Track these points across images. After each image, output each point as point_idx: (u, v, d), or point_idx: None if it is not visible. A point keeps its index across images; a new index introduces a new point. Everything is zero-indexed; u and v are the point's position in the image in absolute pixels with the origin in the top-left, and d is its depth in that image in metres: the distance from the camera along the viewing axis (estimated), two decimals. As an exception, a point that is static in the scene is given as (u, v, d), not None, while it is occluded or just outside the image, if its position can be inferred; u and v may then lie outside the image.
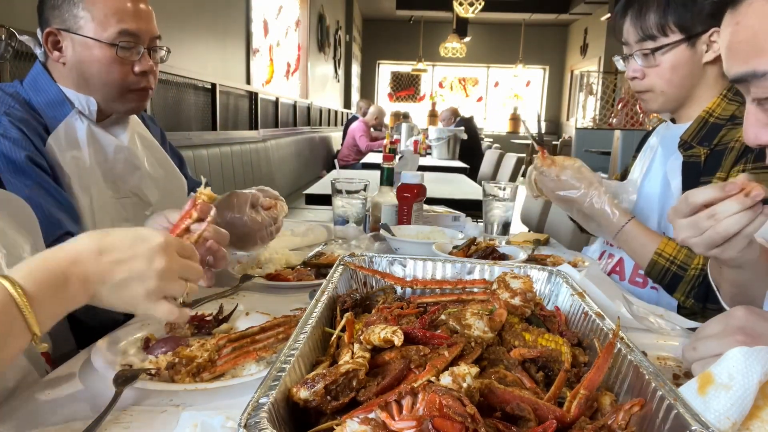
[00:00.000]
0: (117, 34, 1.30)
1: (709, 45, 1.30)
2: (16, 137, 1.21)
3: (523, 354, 0.74)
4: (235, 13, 4.56)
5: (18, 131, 1.21)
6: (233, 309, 1.07)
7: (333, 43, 9.64)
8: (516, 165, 5.56)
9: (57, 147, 1.29)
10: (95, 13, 1.29)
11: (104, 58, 1.31)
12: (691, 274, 1.19)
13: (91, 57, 1.31)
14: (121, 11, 1.31)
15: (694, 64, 1.32)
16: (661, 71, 1.34)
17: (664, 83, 1.35)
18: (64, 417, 0.73)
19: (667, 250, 1.22)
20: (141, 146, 1.53)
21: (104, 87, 1.34)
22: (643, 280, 1.40)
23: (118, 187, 1.42)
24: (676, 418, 0.57)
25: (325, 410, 0.61)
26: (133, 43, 1.32)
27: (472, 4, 8.75)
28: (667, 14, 1.30)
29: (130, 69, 1.34)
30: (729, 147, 1.25)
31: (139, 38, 1.33)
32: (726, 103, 1.32)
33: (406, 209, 1.81)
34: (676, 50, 1.31)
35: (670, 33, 1.31)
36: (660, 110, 1.43)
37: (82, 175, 1.33)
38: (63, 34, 1.31)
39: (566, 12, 12.07)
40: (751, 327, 0.76)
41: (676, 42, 1.31)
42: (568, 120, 13.80)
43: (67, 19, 1.29)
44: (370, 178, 1.91)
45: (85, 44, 1.30)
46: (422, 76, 15.04)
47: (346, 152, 7.42)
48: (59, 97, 1.33)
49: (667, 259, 1.22)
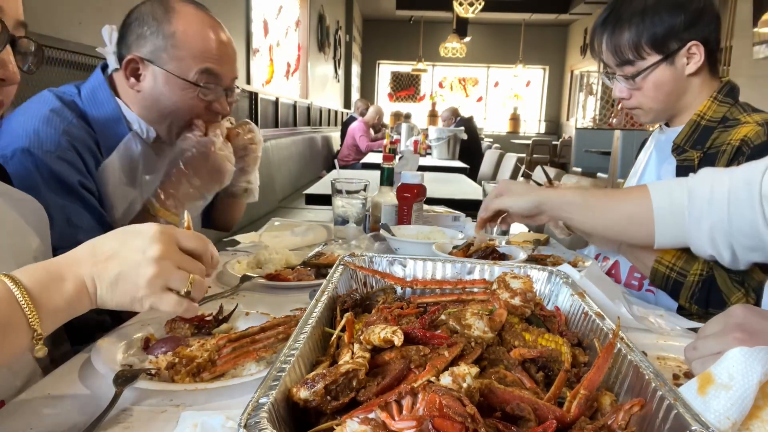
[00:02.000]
0: (200, 74, 1.30)
1: (689, 58, 1.30)
2: (71, 159, 1.20)
3: (523, 354, 0.74)
4: (235, 13, 4.56)
5: (74, 153, 1.20)
6: (233, 309, 1.07)
7: (333, 43, 9.65)
8: (516, 165, 5.56)
9: (109, 173, 1.29)
10: (182, 52, 1.28)
11: (184, 96, 1.31)
12: (691, 279, 1.19)
13: (170, 93, 1.30)
14: (208, 52, 1.31)
15: (677, 79, 1.32)
16: (646, 92, 1.35)
17: (650, 101, 1.36)
18: (65, 417, 0.73)
19: (666, 257, 1.22)
20: None
21: (174, 122, 1.34)
22: (639, 282, 1.40)
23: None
24: (676, 418, 0.57)
25: (325, 410, 0.61)
26: (213, 84, 1.32)
27: (472, 4, 8.75)
28: (640, 38, 1.30)
29: (205, 107, 1.35)
30: (721, 150, 1.25)
31: (220, 79, 1.34)
32: (717, 105, 1.32)
33: (406, 209, 1.81)
34: (657, 71, 1.31)
35: (647, 56, 1.31)
36: (653, 122, 1.44)
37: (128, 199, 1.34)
38: (146, 64, 1.30)
39: (566, 12, 12.07)
40: (749, 324, 0.76)
41: (654, 64, 1.31)
42: (568, 120, 13.80)
43: (152, 51, 1.28)
44: (370, 178, 1.91)
45: (166, 79, 1.29)
46: (422, 76, 15.04)
47: (345, 152, 7.42)
48: (116, 114, 1.32)
49: (667, 266, 1.22)
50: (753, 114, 1.27)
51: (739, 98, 1.35)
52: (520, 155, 5.81)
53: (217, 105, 1.36)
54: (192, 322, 1.01)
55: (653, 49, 1.30)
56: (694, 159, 1.30)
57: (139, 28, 1.30)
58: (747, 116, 1.27)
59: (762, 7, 5.20)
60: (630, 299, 1.21)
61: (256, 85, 5.18)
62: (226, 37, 1.37)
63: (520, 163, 5.62)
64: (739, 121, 1.27)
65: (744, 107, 1.32)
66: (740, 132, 1.23)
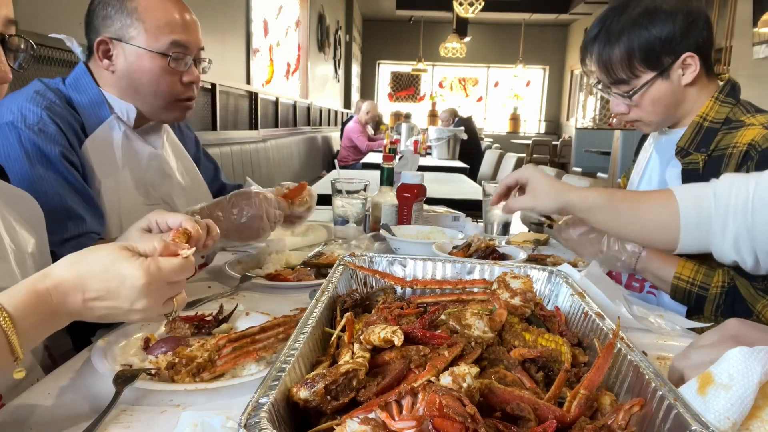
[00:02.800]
0: (169, 45, 1.34)
1: (684, 69, 1.28)
2: (52, 132, 1.24)
3: (523, 354, 0.74)
4: (235, 13, 4.56)
5: (55, 127, 1.25)
6: (233, 309, 1.07)
7: (333, 43, 9.64)
8: (516, 165, 5.56)
9: (92, 150, 1.32)
10: (147, 25, 1.32)
11: (155, 68, 1.34)
12: (714, 292, 1.18)
13: (142, 67, 1.34)
14: (173, 23, 1.34)
15: (674, 92, 1.30)
16: (644, 107, 1.33)
17: (649, 116, 1.34)
18: (65, 417, 0.73)
19: (684, 272, 1.21)
20: (172, 154, 1.57)
21: (153, 96, 1.38)
22: (640, 284, 1.39)
23: (149, 194, 1.46)
24: (676, 418, 0.57)
25: (325, 410, 0.61)
26: (182, 53, 1.36)
27: (472, 4, 8.73)
28: (632, 56, 1.27)
29: (178, 79, 1.38)
30: (727, 153, 1.23)
31: (188, 49, 1.37)
32: (719, 106, 1.29)
33: (406, 209, 1.81)
34: (653, 87, 1.29)
35: (641, 73, 1.29)
36: (655, 131, 1.43)
37: (113, 179, 1.37)
38: (115, 44, 1.34)
39: (566, 12, 12.06)
40: (743, 335, 0.77)
41: (649, 81, 1.28)
42: (568, 120, 13.80)
43: (119, 29, 1.33)
44: (370, 178, 1.91)
45: (136, 54, 1.33)
46: (422, 76, 15.04)
47: (344, 153, 7.40)
48: (99, 98, 1.37)
49: (687, 282, 1.20)
50: (757, 115, 1.25)
51: (740, 97, 1.34)
52: (520, 155, 5.80)
53: (187, 75, 1.40)
54: (192, 322, 1.01)
55: (646, 66, 1.27)
56: (699, 162, 1.28)
57: (103, 10, 1.34)
58: (751, 117, 1.25)
59: (762, 7, 5.20)
60: (630, 299, 1.21)
61: (256, 85, 5.17)
62: (187, 8, 1.42)
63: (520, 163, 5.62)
64: (744, 123, 1.25)
65: (747, 107, 1.30)
66: (746, 135, 1.21)
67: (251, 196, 1.36)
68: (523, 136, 14.29)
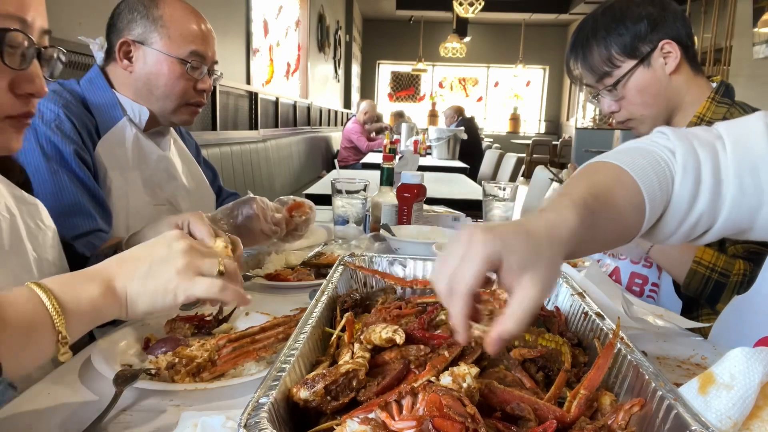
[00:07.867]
0: (188, 53, 1.42)
1: (665, 57, 1.31)
2: (68, 130, 1.29)
3: (523, 354, 0.74)
4: (235, 13, 4.56)
5: (71, 125, 1.30)
6: (233, 309, 1.07)
7: (333, 43, 9.64)
8: (516, 165, 5.55)
9: (105, 150, 1.38)
10: (171, 33, 1.41)
11: (173, 72, 1.42)
12: (734, 280, 1.16)
13: (161, 70, 1.42)
14: (194, 34, 1.44)
15: (659, 79, 1.33)
16: (631, 99, 1.35)
17: (639, 108, 1.36)
18: (65, 417, 0.73)
19: (705, 257, 1.19)
20: (179, 158, 1.62)
21: (165, 98, 1.45)
22: (640, 288, 1.39)
23: (156, 194, 1.49)
24: (676, 418, 0.57)
25: (325, 410, 0.61)
26: (199, 63, 1.44)
27: (472, 4, 8.74)
28: (609, 49, 1.33)
29: (192, 86, 1.46)
30: None
31: (205, 59, 1.46)
32: (716, 106, 1.31)
33: (406, 209, 1.80)
34: (635, 76, 1.33)
35: (621, 63, 1.33)
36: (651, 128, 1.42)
37: (124, 178, 1.41)
38: (137, 46, 1.41)
39: (566, 12, 12.06)
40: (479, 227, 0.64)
41: (630, 69, 1.32)
42: (568, 120, 13.80)
43: (142, 33, 1.41)
44: (370, 178, 1.91)
45: (157, 58, 1.41)
46: (422, 76, 15.04)
47: (344, 154, 7.39)
48: (112, 100, 1.43)
49: (707, 267, 1.19)
50: None
51: (735, 98, 1.35)
52: (520, 155, 5.79)
53: (201, 83, 1.48)
54: (192, 322, 1.01)
55: (625, 56, 1.32)
56: None
57: (129, 14, 1.42)
58: None
59: (762, 7, 5.20)
60: (630, 299, 1.21)
61: (256, 85, 5.17)
62: (206, 22, 1.51)
63: (520, 163, 5.61)
64: None
65: (743, 107, 1.31)
66: None
67: (249, 200, 1.41)
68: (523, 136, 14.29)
